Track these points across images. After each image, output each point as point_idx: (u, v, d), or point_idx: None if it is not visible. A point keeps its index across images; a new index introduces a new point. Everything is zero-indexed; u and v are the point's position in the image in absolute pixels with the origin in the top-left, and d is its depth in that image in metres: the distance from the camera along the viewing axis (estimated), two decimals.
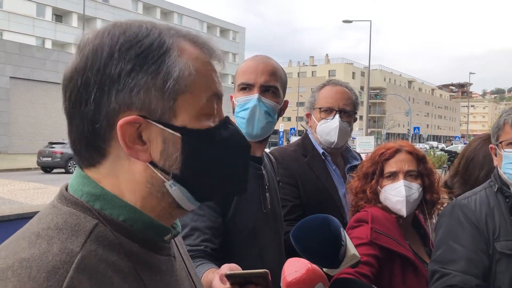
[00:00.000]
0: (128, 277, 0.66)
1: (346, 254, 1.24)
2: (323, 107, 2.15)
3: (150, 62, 0.67)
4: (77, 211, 0.67)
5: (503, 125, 1.63)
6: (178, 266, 0.80)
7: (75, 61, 0.69)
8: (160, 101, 0.67)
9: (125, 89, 0.66)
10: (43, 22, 38.52)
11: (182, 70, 0.68)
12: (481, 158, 2.15)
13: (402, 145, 1.90)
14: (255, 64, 1.61)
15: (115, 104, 0.66)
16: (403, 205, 1.77)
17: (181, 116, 0.69)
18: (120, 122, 0.65)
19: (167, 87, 0.67)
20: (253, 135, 1.59)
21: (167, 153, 0.69)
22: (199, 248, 1.38)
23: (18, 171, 17.99)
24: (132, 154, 0.68)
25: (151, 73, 0.67)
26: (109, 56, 0.67)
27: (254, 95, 1.57)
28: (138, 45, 0.67)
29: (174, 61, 0.68)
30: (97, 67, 0.67)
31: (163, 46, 0.68)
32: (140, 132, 0.67)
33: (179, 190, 0.71)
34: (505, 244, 1.54)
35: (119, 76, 0.66)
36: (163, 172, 0.70)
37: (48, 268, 0.58)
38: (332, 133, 2.12)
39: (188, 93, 0.69)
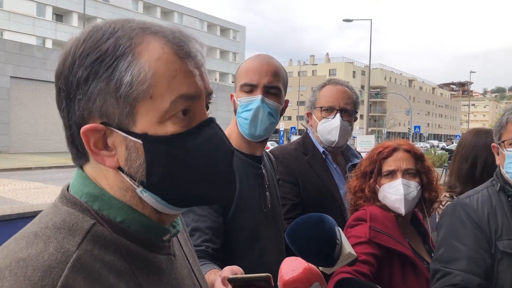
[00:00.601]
0: (124, 277, 0.66)
1: (341, 252, 1.24)
2: (324, 106, 2.15)
3: (103, 68, 0.65)
4: (75, 211, 0.68)
5: (506, 124, 1.62)
6: (179, 264, 0.79)
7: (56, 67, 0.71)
8: (116, 108, 0.66)
9: (84, 97, 0.66)
10: (43, 21, 38.53)
11: (135, 75, 0.65)
12: (461, 150, 2.23)
13: (400, 143, 1.90)
14: (259, 65, 1.60)
15: (78, 111, 0.67)
16: (401, 203, 1.77)
17: (141, 122, 0.67)
18: (82, 130, 0.66)
19: (120, 94, 0.65)
20: (256, 135, 1.60)
21: (130, 160, 0.68)
22: (201, 249, 1.38)
23: (19, 171, 17.99)
24: (98, 159, 0.68)
25: (104, 80, 0.65)
26: (72, 64, 0.67)
27: (257, 96, 1.57)
28: (95, 51, 0.66)
29: (127, 66, 0.65)
30: (64, 75, 0.67)
31: (117, 50, 0.66)
32: (106, 138, 0.68)
33: (150, 197, 0.70)
34: (507, 243, 1.54)
35: (78, 84, 0.66)
36: (131, 179, 0.69)
37: (43, 267, 0.59)
38: (333, 132, 2.12)
39: (147, 98, 0.66)
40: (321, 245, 1.22)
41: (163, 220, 0.75)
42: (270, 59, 1.64)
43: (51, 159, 22.04)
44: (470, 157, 2.22)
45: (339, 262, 1.26)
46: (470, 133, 2.34)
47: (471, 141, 2.26)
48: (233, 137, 1.63)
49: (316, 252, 1.22)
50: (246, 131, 1.59)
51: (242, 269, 1.05)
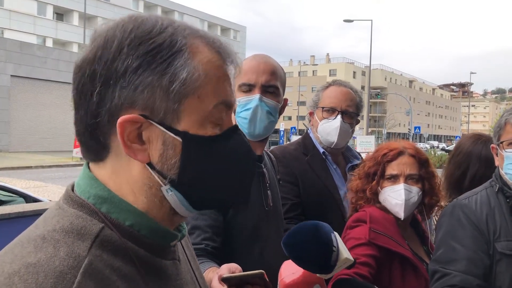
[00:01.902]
0: (133, 282, 0.64)
1: (338, 258, 1.23)
2: (326, 106, 2.16)
3: (158, 61, 0.65)
4: (83, 214, 0.66)
5: (505, 125, 1.63)
6: (183, 269, 0.78)
7: (86, 51, 0.67)
8: (164, 102, 0.65)
9: (130, 86, 0.64)
10: (44, 20, 38.51)
11: (190, 72, 0.66)
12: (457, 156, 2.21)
13: (406, 147, 1.88)
14: (256, 64, 1.61)
15: (118, 100, 0.64)
16: (401, 208, 1.77)
17: (185, 120, 0.67)
18: (119, 120, 0.64)
19: (172, 89, 0.65)
20: (255, 134, 1.60)
21: (166, 157, 0.67)
22: (200, 247, 1.38)
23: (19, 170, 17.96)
24: (129, 153, 0.66)
25: (158, 73, 0.64)
26: (118, 50, 0.65)
27: (255, 95, 1.58)
28: (149, 42, 0.65)
29: (183, 62, 0.66)
30: (105, 59, 0.65)
31: (174, 46, 0.66)
32: (141, 131, 0.66)
33: (175, 196, 0.69)
34: (505, 244, 1.54)
35: (125, 72, 0.64)
36: (160, 176, 0.67)
37: (55, 273, 0.56)
38: (333, 133, 2.13)
39: (195, 98, 0.67)
40: (317, 253, 1.22)
41: (172, 222, 0.74)
42: (267, 59, 1.65)
43: (51, 158, 22.03)
44: (463, 165, 2.19)
45: (336, 268, 1.26)
46: (470, 139, 2.29)
47: (468, 148, 2.22)
48: None
49: (313, 260, 1.22)
50: (245, 131, 1.60)
51: (242, 267, 1.05)
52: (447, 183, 2.23)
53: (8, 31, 35.40)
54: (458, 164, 2.20)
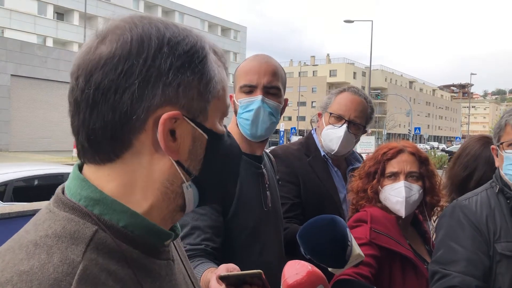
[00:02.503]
0: (129, 286, 0.64)
1: (351, 253, 1.25)
2: (334, 113, 2.12)
3: (196, 62, 0.67)
4: (75, 217, 0.64)
5: (505, 126, 1.63)
6: (176, 269, 0.78)
7: (109, 46, 0.64)
8: (200, 102, 0.68)
9: (173, 84, 0.65)
10: (44, 20, 38.50)
11: (216, 75, 0.71)
12: (464, 157, 2.18)
13: (405, 145, 1.89)
14: (257, 65, 1.61)
15: (159, 98, 0.64)
16: (402, 205, 1.77)
17: (211, 119, 0.71)
18: (164, 116, 0.64)
19: (208, 89, 0.69)
20: (257, 135, 1.60)
21: (195, 153, 0.70)
22: (200, 247, 1.38)
23: None
24: (167, 150, 0.66)
25: (197, 73, 0.67)
26: (159, 48, 0.64)
27: (257, 97, 1.57)
28: (185, 42, 0.67)
29: (212, 65, 0.70)
30: (144, 56, 0.63)
31: (203, 49, 0.69)
32: (174, 128, 0.66)
33: (192, 192, 0.71)
34: (505, 245, 1.54)
35: (169, 70, 0.64)
36: (186, 173, 0.69)
37: (49, 281, 0.55)
38: (335, 141, 2.09)
39: (217, 98, 0.71)
40: (334, 247, 1.23)
41: (172, 220, 0.74)
42: (269, 59, 1.65)
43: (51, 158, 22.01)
44: (470, 167, 2.15)
45: (349, 263, 1.27)
46: (478, 142, 2.24)
47: (477, 151, 2.18)
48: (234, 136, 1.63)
49: (329, 254, 1.23)
50: (247, 132, 1.60)
51: (242, 268, 1.05)
52: (450, 183, 2.21)
53: (9, 30, 35.39)
54: (464, 166, 2.17)
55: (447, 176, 2.22)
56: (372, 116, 2.21)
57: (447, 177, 2.22)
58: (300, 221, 1.97)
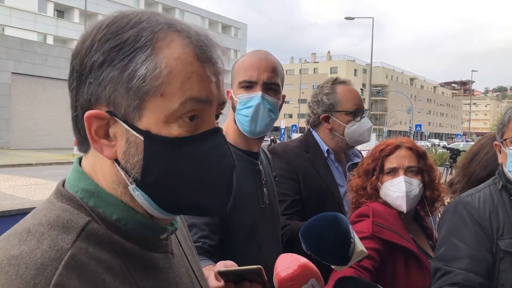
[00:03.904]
0: (120, 276, 0.64)
1: (354, 250, 1.24)
2: (349, 110, 2.13)
3: (120, 57, 0.64)
4: (70, 207, 0.66)
5: (508, 122, 1.61)
6: (177, 262, 0.78)
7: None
8: (125, 99, 0.64)
9: (94, 82, 0.64)
10: (44, 17, 38.48)
11: (151, 69, 0.64)
12: (484, 155, 2.13)
13: (402, 141, 1.89)
14: (257, 61, 1.60)
15: (86, 95, 0.65)
16: (403, 200, 1.77)
17: (147, 119, 0.65)
18: (86, 114, 0.65)
19: (131, 85, 0.64)
20: (256, 132, 1.60)
21: (129, 154, 0.66)
22: (197, 245, 1.36)
23: (20, 167, 17.99)
24: (96, 147, 0.66)
25: (119, 68, 0.64)
26: (90, 46, 0.65)
27: (257, 93, 1.56)
28: (116, 38, 0.65)
29: (144, 59, 0.64)
30: (80, 55, 0.66)
31: (138, 41, 0.64)
32: (109, 128, 0.66)
33: (141, 197, 0.68)
34: (508, 242, 1.53)
35: (91, 68, 0.64)
36: (126, 174, 0.67)
37: (36, 265, 0.57)
38: (366, 133, 2.15)
39: (158, 95, 0.64)
40: (337, 244, 1.22)
41: (157, 220, 0.73)
42: (268, 55, 1.64)
43: (52, 155, 22.05)
44: (492, 166, 2.12)
45: (352, 260, 1.26)
46: (490, 137, 2.16)
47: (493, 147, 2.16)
48: (230, 133, 1.63)
49: (331, 251, 1.22)
50: (246, 128, 1.58)
51: (240, 265, 1.04)
52: (466, 180, 2.16)
53: (9, 28, 35.38)
54: (485, 165, 2.11)
55: (463, 173, 2.18)
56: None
57: (463, 174, 2.17)
58: (301, 217, 1.97)
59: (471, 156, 2.19)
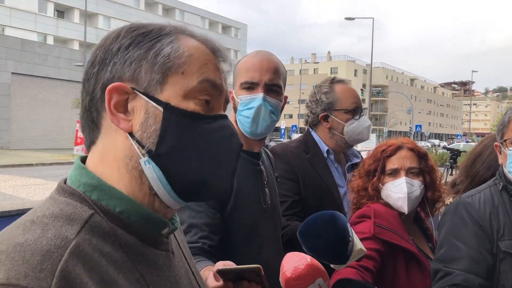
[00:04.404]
0: (123, 269, 0.65)
1: (353, 249, 1.23)
2: (348, 108, 2.14)
3: (147, 40, 0.72)
4: (73, 201, 0.67)
5: (508, 123, 1.61)
6: (176, 262, 0.78)
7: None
8: (149, 73, 0.70)
9: (120, 61, 0.70)
10: (45, 18, 38.47)
11: (174, 49, 0.72)
12: (487, 156, 2.12)
13: (404, 142, 1.89)
14: (259, 62, 1.59)
15: (109, 74, 0.70)
16: (404, 202, 1.76)
17: (167, 92, 0.70)
18: (108, 87, 0.69)
19: (156, 61, 0.70)
20: (257, 133, 1.59)
21: (146, 125, 0.69)
22: (197, 245, 1.36)
23: (20, 167, 17.99)
24: (113, 120, 0.70)
25: (145, 48, 0.71)
26: (117, 36, 0.73)
27: (259, 94, 1.55)
28: (142, 29, 0.73)
29: (168, 42, 0.72)
30: (106, 45, 0.73)
31: (162, 31, 0.73)
32: (127, 104, 0.70)
33: (152, 170, 0.69)
34: (509, 243, 1.52)
35: (117, 50, 0.71)
36: (139, 146, 0.69)
37: (42, 251, 0.58)
38: (365, 131, 2.16)
39: (179, 73, 0.71)
40: (335, 243, 1.21)
41: (158, 211, 0.73)
42: (271, 56, 1.63)
43: (52, 156, 22.05)
44: (495, 167, 2.10)
45: (351, 259, 1.25)
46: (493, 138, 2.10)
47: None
48: None
49: (330, 250, 1.21)
50: (247, 129, 1.58)
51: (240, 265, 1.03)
52: (470, 181, 2.14)
53: (9, 28, 35.37)
54: (488, 166, 2.10)
55: (466, 173, 2.17)
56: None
57: (466, 175, 2.17)
58: (301, 218, 1.96)
59: (474, 157, 2.18)
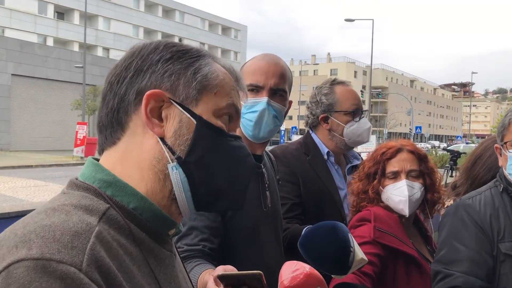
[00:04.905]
0: (137, 261, 0.68)
1: (354, 259, 1.22)
2: (348, 110, 2.13)
3: (186, 57, 0.78)
4: (89, 195, 0.70)
5: (508, 125, 1.60)
6: (177, 265, 0.82)
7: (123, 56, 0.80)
8: (187, 87, 0.76)
9: (160, 71, 0.75)
10: (44, 19, 38.47)
11: (211, 71, 0.78)
12: (487, 158, 2.11)
13: (404, 144, 1.89)
14: (266, 65, 1.58)
15: (147, 81, 0.75)
16: (405, 204, 1.76)
17: (201, 108, 0.76)
18: (147, 92, 0.73)
19: (195, 78, 0.76)
20: (260, 137, 1.58)
21: (179, 133, 0.74)
22: (197, 248, 1.36)
23: (19, 168, 17.98)
24: (148, 124, 0.74)
25: (185, 64, 0.77)
26: (155, 48, 0.78)
27: (263, 98, 1.54)
28: (181, 47, 0.79)
29: (206, 63, 0.79)
30: (142, 53, 0.77)
31: (200, 52, 0.80)
32: (161, 110, 0.75)
33: (179, 176, 0.74)
34: (509, 245, 1.52)
35: (158, 61, 0.76)
36: (170, 151, 0.74)
37: (71, 232, 0.60)
38: (365, 133, 2.14)
39: (212, 93, 0.78)
40: (336, 254, 1.20)
41: (170, 212, 0.77)
42: (278, 60, 1.61)
43: (51, 157, 22.04)
44: (495, 169, 2.10)
45: (352, 269, 1.24)
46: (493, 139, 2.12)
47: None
48: None
49: (331, 261, 1.20)
50: (249, 133, 1.57)
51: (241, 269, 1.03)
52: (470, 183, 2.13)
53: (9, 30, 35.37)
54: (488, 168, 2.09)
55: (466, 175, 2.17)
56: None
57: (466, 177, 2.16)
58: (301, 221, 1.96)
59: (474, 159, 2.18)
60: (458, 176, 2.31)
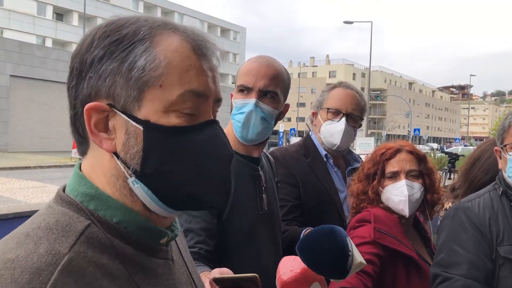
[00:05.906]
0: (119, 280, 0.64)
1: (353, 263, 1.22)
2: (331, 108, 2.13)
3: (120, 50, 0.66)
4: (70, 211, 0.66)
5: (508, 127, 1.61)
6: (177, 270, 0.77)
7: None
8: (124, 90, 0.65)
9: (95, 75, 0.66)
10: (43, 20, 38.48)
11: (150, 60, 0.66)
12: (485, 160, 2.12)
13: (403, 144, 1.89)
14: (257, 67, 1.57)
15: (86, 90, 0.66)
16: (405, 204, 1.76)
17: (146, 109, 0.66)
18: (86, 107, 0.65)
19: (131, 76, 0.65)
20: (248, 139, 1.57)
21: (128, 145, 0.67)
22: (193, 250, 1.35)
23: (18, 170, 17.93)
24: (95, 140, 0.67)
25: (118, 60, 0.65)
26: (90, 44, 0.67)
27: (251, 100, 1.54)
28: (115, 34, 0.67)
29: (143, 50, 0.66)
30: (80, 54, 0.68)
31: (136, 35, 0.67)
32: (108, 121, 0.67)
33: (141, 189, 0.68)
34: (508, 248, 1.52)
35: (91, 62, 0.66)
36: (125, 166, 0.67)
37: (32, 270, 0.57)
38: (336, 135, 2.11)
39: (157, 86, 0.66)
40: (334, 258, 1.20)
41: (157, 221, 0.72)
42: (271, 62, 1.60)
43: (50, 158, 22.00)
44: (493, 171, 2.10)
45: (351, 272, 1.24)
46: (491, 142, 2.16)
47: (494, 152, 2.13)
48: (230, 137, 1.61)
49: (329, 266, 1.20)
50: (238, 134, 1.57)
51: (237, 271, 1.02)
52: (468, 185, 2.14)
53: (8, 31, 35.36)
54: (486, 170, 2.09)
55: (464, 178, 2.17)
56: (366, 108, 2.26)
57: (464, 179, 2.17)
58: (300, 223, 1.96)
59: (472, 162, 2.18)
60: (456, 179, 2.31)
